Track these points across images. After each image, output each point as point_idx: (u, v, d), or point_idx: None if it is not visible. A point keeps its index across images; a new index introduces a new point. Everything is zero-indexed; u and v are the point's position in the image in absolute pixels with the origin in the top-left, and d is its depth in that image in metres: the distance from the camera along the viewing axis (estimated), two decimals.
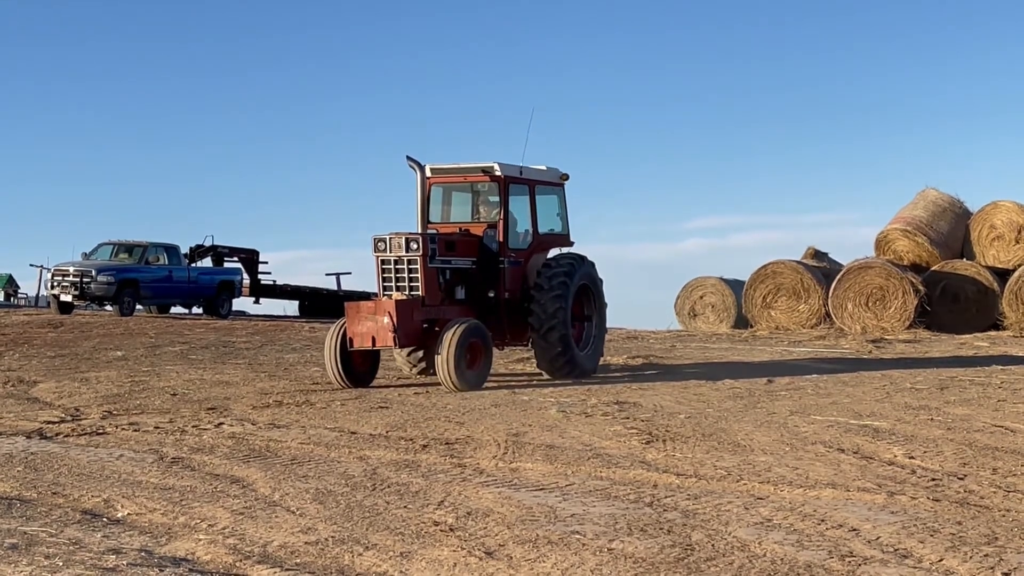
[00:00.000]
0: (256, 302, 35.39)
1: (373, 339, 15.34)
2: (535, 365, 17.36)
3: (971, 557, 6.65)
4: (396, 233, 15.81)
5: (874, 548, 6.89)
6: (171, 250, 32.49)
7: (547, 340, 16.50)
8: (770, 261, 30.26)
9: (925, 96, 66.54)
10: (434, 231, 16.46)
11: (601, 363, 18.30)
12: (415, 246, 15.64)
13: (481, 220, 17.05)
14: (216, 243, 34.01)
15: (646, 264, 64.49)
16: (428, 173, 16.79)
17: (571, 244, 17.82)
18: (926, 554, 6.73)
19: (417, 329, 15.69)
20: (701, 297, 32.48)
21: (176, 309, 33.85)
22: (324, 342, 16.06)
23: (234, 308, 34.45)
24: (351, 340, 15.47)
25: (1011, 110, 64.46)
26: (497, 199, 16.85)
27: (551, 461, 9.83)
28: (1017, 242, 29.10)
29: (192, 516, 7.92)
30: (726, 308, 31.97)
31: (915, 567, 6.49)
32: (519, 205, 17.16)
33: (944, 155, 64.49)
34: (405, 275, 15.71)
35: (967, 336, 26.42)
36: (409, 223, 16.74)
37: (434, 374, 15.70)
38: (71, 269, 30.50)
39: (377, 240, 15.86)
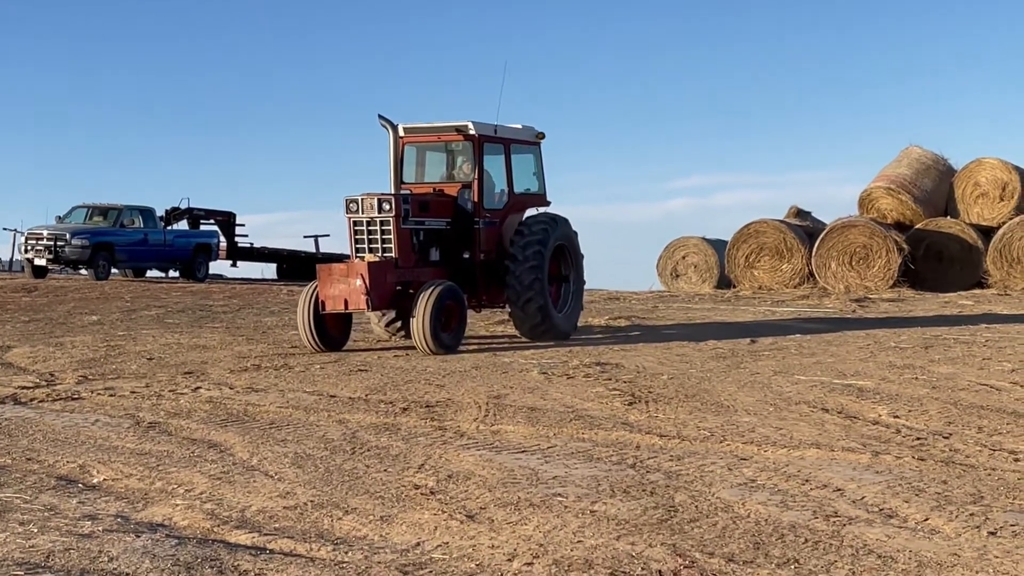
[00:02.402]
0: (233, 265, 35.28)
1: (345, 302, 15.08)
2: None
3: (956, 516, 6.61)
4: (368, 194, 15.58)
5: (859, 508, 6.84)
6: (146, 213, 32.29)
7: (525, 311, 16.37)
8: (753, 220, 30.20)
9: (909, 53, 66.50)
10: (407, 191, 16.21)
11: (583, 324, 18.24)
12: (388, 207, 15.41)
13: (456, 180, 16.83)
14: (192, 206, 33.83)
15: (630, 224, 64.48)
16: (401, 133, 16.49)
17: (548, 204, 17.60)
18: (911, 513, 6.68)
19: (390, 291, 15.46)
20: (683, 257, 32.43)
21: (152, 273, 33.71)
22: (297, 306, 15.80)
23: (211, 271, 34.30)
24: (323, 303, 15.21)
25: (995, 67, 64.51)
26: (472, 158, 16.64)
27: (533, 423, 9.76)
28: (1001, 199, 29.09)
29: (169, 481, 7.83)
30: (708, 268, 31.92)
31: (900, 527, 6.43)
32: (494, 165, 16.92)
33: (928, 112, 64.53)
34: (378, 237, 15.48)
35: (951, 294, 26.45)
36: (386, 184, 16.56)
37: (409, 337, 15.57)
38: (45, 233, 30.30)
39: (349, 201, 15.63)
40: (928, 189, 30.00)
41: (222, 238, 34.56)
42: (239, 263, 35.23)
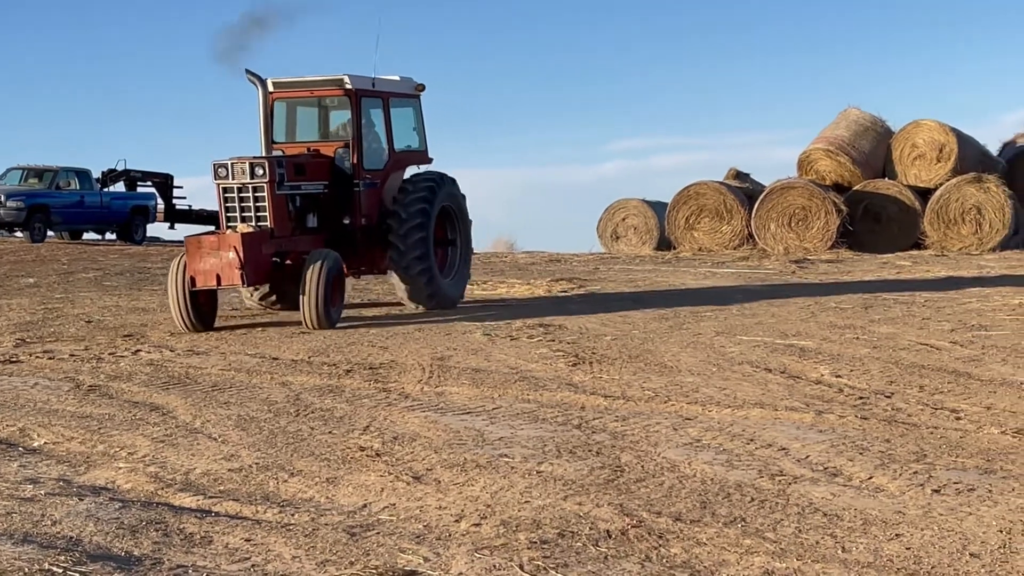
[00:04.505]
0: (171, 227, 34.83)
1: (218, 277, 13.60)
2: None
3: (900, 475, 6.67)
4: (239, 158, 14.15)
5: (804, 467, 6.89)
6: (82, 174, 31.78)
7: (409, 275, 15.29)
8: (692, 182, 30.25)
9: (847, 14, 66.72)
10: (280, 152, 15.12)
11: (526, 289, 18.15)
12: (261, 172, 14.01)
13: (331, 139, 15.68)
14: (129, 167, 33.37)
15: (566, 187, 64.21)
16: (270, 88, 15.27)
17: (430, 161, 16.38)
18: (855, 472, 6.74)
19: (266, 264, 14.11)
20: (623, 219, 32.44)
21: (89, 235, 33.23)
22: (167, 283, 14.11)
23: (148, 234, 33.89)
24: (192, 279, 13.67)
25: (933, 29, 64.84)
26: (349, 115, 15.40)
27: (477, 384, 9.75)
28: (938, 161, 29.31)
29: (111, 444, 7.76)
30: (648, 230, 31.96)
31: (845, 485, 6.49)
32: (373, 121, 15.79)
33: (866, 74, 64.72)
34: (251, 204, 14.14)
35: (889, 255, 26.69)
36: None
37: (284, 309, 14.87)
38: None
39: (218, 166, 14.11)
40: (866, 151, 30.14)
41: (160, 200, 34.15)
42: (177, 225, 34.78)
